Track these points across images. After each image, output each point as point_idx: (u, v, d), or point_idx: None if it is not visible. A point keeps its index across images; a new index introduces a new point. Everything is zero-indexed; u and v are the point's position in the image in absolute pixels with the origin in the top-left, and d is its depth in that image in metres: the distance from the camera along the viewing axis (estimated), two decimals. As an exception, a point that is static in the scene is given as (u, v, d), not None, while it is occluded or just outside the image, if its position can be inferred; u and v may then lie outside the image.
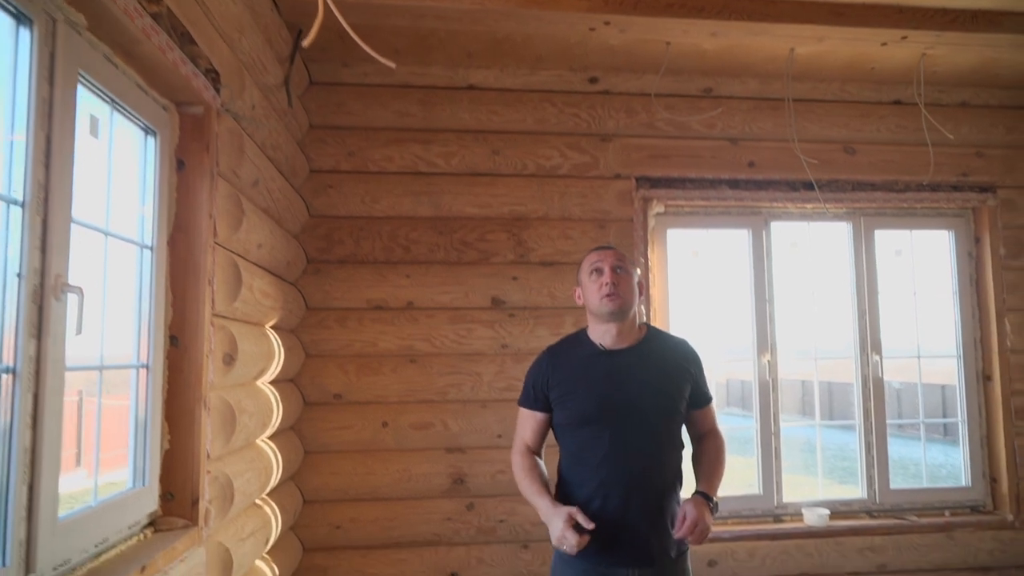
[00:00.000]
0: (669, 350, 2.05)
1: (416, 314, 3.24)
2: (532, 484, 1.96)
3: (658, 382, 1.97)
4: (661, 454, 1.94)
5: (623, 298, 1.95)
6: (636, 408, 1.91)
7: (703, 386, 2.09)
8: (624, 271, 1.99)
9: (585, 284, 2.04)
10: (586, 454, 1.93)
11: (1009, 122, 3.66)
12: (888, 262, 3.69)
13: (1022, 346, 3.59)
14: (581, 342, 2.06)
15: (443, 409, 3.21)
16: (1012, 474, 3.52)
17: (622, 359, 1.97)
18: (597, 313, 2.00)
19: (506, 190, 3.34)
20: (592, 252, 2.08)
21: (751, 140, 3.53)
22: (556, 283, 3.32)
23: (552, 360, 2.05)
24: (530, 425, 2.07)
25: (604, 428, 1.91)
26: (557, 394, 2.00)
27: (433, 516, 3.16)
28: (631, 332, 2.03)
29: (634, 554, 1.87)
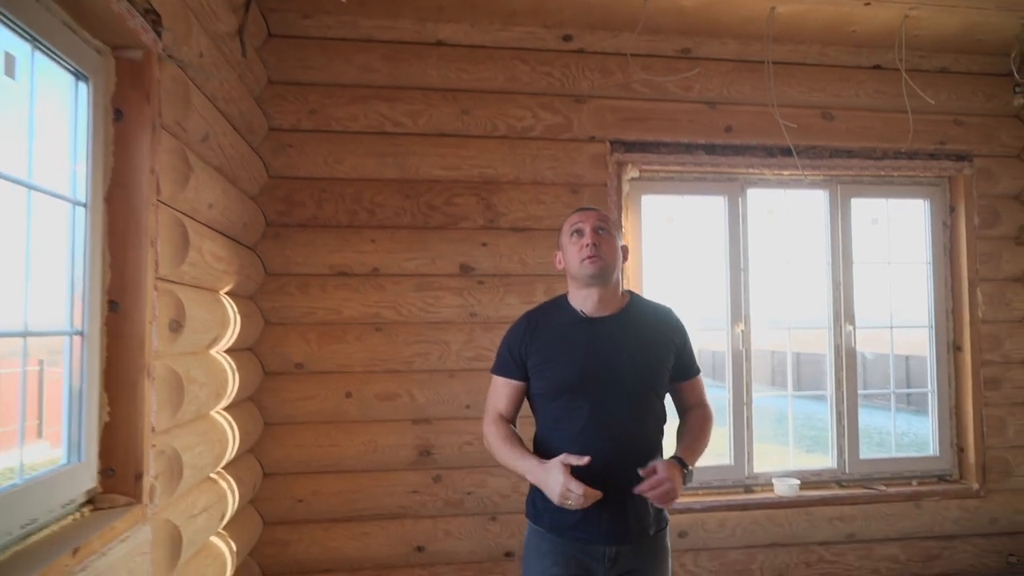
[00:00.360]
0: (652, 319, 1.95)
1: (382, 280, 3.11)
2: (512, 449, 1.85)
3: (641, 352, 1.87)
4: (642, 426, 1.85)
5: (605, 260, 1.84)
6: (617, 378, 1.82)
7: (689, 357, 1.99)
8: (606, 232, 1.89)
9: (565, 246, 1.92)
10: (564, 425, 1.83)
11: (988, 89, 3.60)
12: (864, 231, 3.65)
13: (993, 316, 3.58)
14: (561, 308, 1.95)
15: (409, 379, 3.10)
16: (979, 444, 3.54)
17: (603, 327, 1.87)
18: (577, 276, 1.89)
19: (475, 152, 3.21)
20: (573, 214, 1.97)
21: (729, 104, 3.42)
22: (527, 249, 3.22)
23: (531, 326, 1.94)
24: (505, 394, 1.96)
25: (584, 399, 1.81)
26: (535, 362, 1.89)
27: (399, 488, 3.07)
28: (613, 299, 1.92)
29: (612, 530, 1.79)
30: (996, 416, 3.56)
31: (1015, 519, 3.55)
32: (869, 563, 3.42)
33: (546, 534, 1.85)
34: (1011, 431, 3.57)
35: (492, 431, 1.92)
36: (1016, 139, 3.64)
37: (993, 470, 3.54)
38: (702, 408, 2.00)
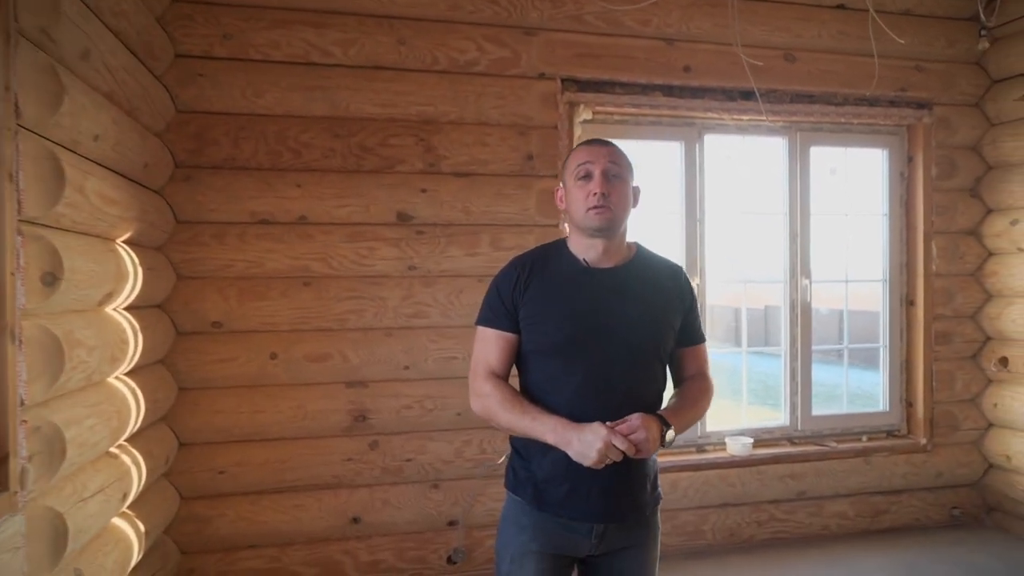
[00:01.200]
0: (660, 275, 1.71)
1: (310, 230, 2.80)
2: (525, 408, 1.58)
3: (645, 310, 1.64)
4: (642, 394, 1.61)
5: (614, 212, 1.59)
6: (618, 338, 1.60)
7: (696, 321, 1.77)
8: (619, 178, 1.61)
9: (570, 188, 1.65)
10: (554, 387, 1.61)
11: (951, 34, 3.47)
12: (822, 181, 3.51)
13: (946, 270, 3.52)
14: (560, 255, 1.69)
15: (342, 338, 2.83)
16: (928, 398, 3.51)
17: (606, 280, 1.64)
18: (581, 226, 1.64)
19: (413, 87, 2.89)
20: (581, 148, 1.67)
21: (687, 41, 3.19)
22: (471, 196, 2.95)
23: (525, 272, 1.67)
24: (497, 348, 1.67)
25: (580, 358, 1.59)
26: (528, 313, 1.64)
27: (332, 457, 2.82)
28: (619, 250, 1.67)
29: (603, 507, 1.59)
30: (945, 371, 3.53)
31: (958, 472, 3.56)
32: (819, 520, 3.37)
33: (526, 506, 1.65)
34: (959, 385, 3.55)
35: (490, 390, 1.64)
36: (976, 87, 3.53)
37: (940, 424, 3.52)
38: (702, 379, 1.76)
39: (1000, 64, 3.44)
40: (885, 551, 3.23)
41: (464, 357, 2.93)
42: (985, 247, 3.54)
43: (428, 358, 2.91)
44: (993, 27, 3.25)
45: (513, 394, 1.63)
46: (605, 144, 1.66)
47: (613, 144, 1.66)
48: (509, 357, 1.68)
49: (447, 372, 2.92)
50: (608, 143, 1.66)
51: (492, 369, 1.68)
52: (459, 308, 2.93)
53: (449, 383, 2.92)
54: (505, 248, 2.98)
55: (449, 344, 2.93)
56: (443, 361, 2.92)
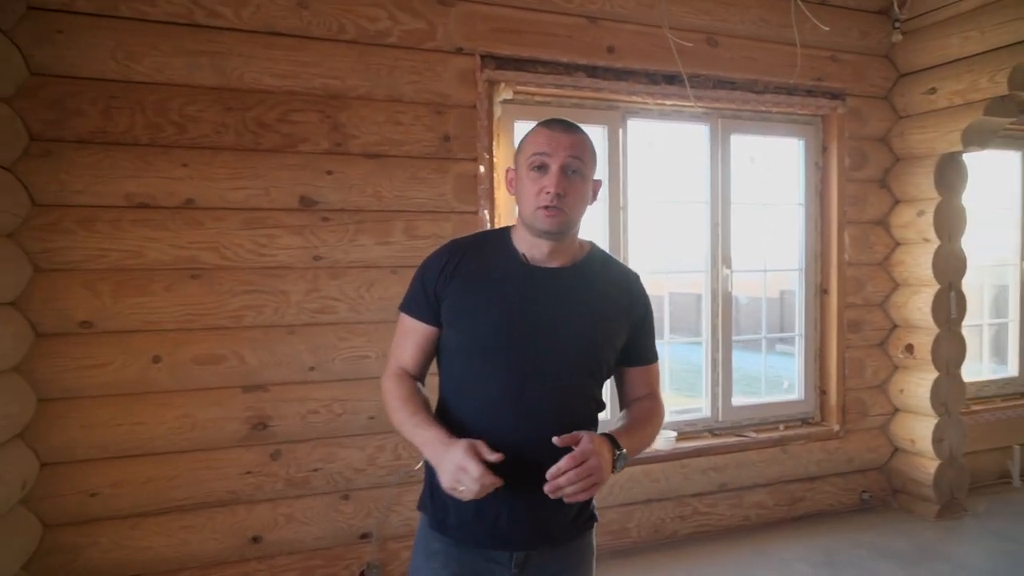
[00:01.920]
0: (611, 281, 1.50)
1: (198, 215, 2.47)
2: (414, 413, 1.39)
3: (584, 320, 1.43)
4: (568, 414, 1.40)
5: (567, 215, 1.38)
6: (546, 349, 1.39)
7: (647, 338, 1.55)
8: (578, 174, 1.39)
9: (522, 177, 1.43)
10: (472, 393, 1.41)
11: (864, 26, 3.50)
12: (742, 170, 3.47)
13: (857, 259, 3.58)
14: (499, 245, 1.49)
15: (238, 337, 2.52)
16: (840, 386, 3.57)
17: (547, 280, 1.44)
18: (528, 224, 1.42)
19: (317, 58, 2.60)
20: (541, 131, 1.42)
21: (611, 20, 3.04)
22: (382, 180, 2.70)
23: (454, 258, 1.46)
24: (412, 341, 1.48)
25: (497, 366, 1.38)
26: (451, 305, 1.43)
27: (228, 470, 2.52)
28: (567, 250, 1.47)
29: (516, 533, 1.39)
30: (856, 358, 3.60)
31: (867, 457, 3.65)
32: (740, 511, 3.36)
33: (434, 531, 1.45)
34: (868, 372, 3.63)
35: (389, 388, 1.46)
36: (885, 79, 3.60)
37: (851, 411, 3.59)
38: (653, 400, 1.55)
39: (908, 58, 3.51)
40: (803, 539, 3.25)
41: (377, 356, 2.68)
42: (893, 237, 3.62)
43: (336, 358, 2.64)
44: (905, 19, 3.29)
45: (410, 394, 1.44)
46: (568, 131, 1.41)
47: (578, 131, 1.42)
48: (425, 353, 1.49)
49: (358, 372, 2.67)
50: (572, 129, 1.42)
51: (402, 365, 1.49)
52: (370, 302, 2.68)
53: (360, 384, 2.67)
54: (421, 236, 2.75)
55: (360, 342, 2.67)
56: (353, 360, 2.66)
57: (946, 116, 3.34)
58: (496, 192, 2.89)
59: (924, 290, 3.47)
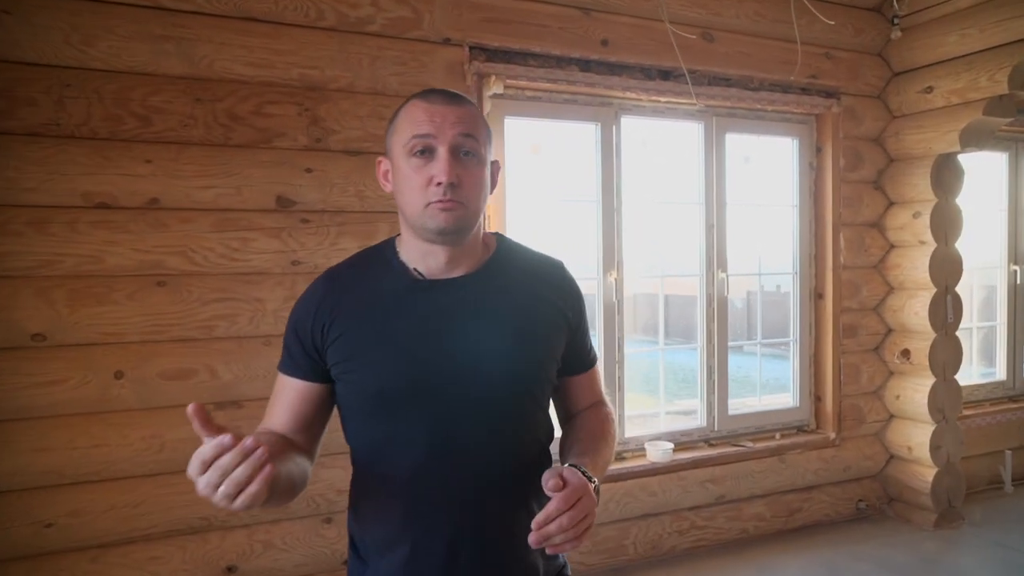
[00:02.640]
0: (536, 279, 1.22)
1: (164, 217, 2.26)
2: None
3: (516, 333, 1.15)
4: (515, 454, 1.15)
5: (466, 208, 1.09)
6: (475, 381, 1.11)
7: (584, 338, 1.28)
8: (473, 156, 1.10)
9: (400, 166, 1.11)
10: (386, 463, 1.12)
11: (858, 23, 3.41)
12: (736, 170, 3.36)
13: (852, 263, 3.49)
14: (383, 264, 1.19)
15: (209, 350, 2.31)
16: (836, 392, 3.47)
17: (451, 296, 1.14)
18: (416, 226, 1.12)
19: (294, 46, 2.41)
20: (416, 104, 1.11)
21: (605, 12, 2.90)
22: (366, 178, 2.51)
23: (332, 294, 1.16)
24: (285, 400, 1.17)
25: (418, 417, 1.10)
26: (338, 353, 1.13)
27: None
28: (471, 253, 1.17)
29: None
30: (851, 364, 3.51)
31: (864, 465, 3.56)
32: (738, 524, 3.24)
33: None
34: (864, 378, 3.55)
35: None
36: (878, 78, 3.52)
37: (848, 418, 3.50)
38: (602, 408, 1.30)
39: (902, 56, 3.43)
40: (803, 552, 3.14)
41: (361, 368, 2.49)
42: (888, 240, 3.54)
43: (317, 370, 2.45)
44: (910, 13, 3.20)
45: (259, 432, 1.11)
46: (453, 102, 1.10)
47: (465, 101, 1.13)
48: (301, 414, 1.16)
49: (340, 386, 2.48)
50: (457, 100, 1.11)
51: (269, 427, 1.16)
52: (354, 310, 2.49)
53: (343, 399, 2.48)
54: (407, 239, 2.57)
55: (342, 353, 2.48)
56: (335, 373, 2.47)
57: (944, 116, 3.27)
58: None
59: (921, 294, 3.39)
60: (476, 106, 1.16)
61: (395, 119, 1.14)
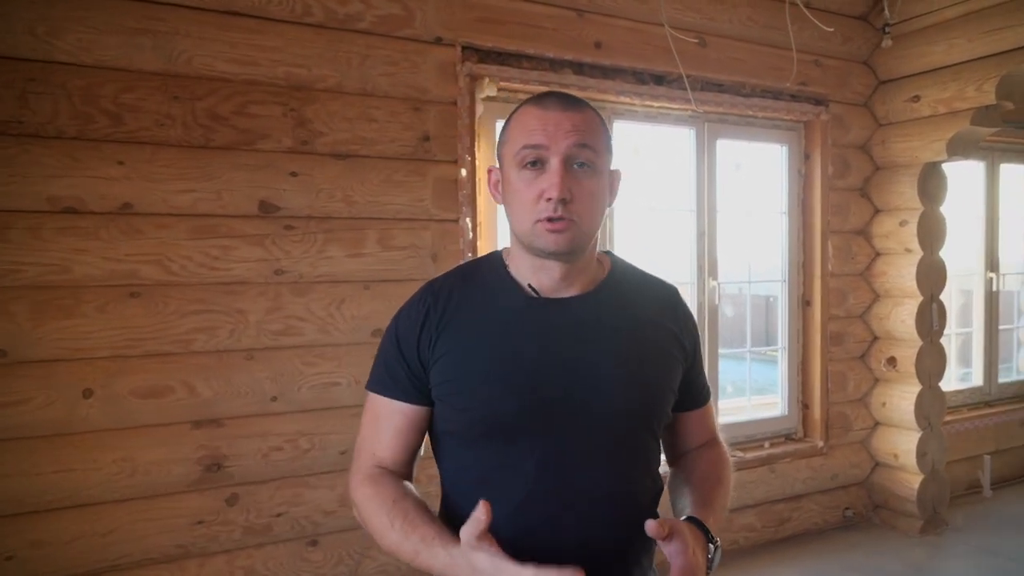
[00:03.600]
0: (652, 304, 1.15)
1: (137, 223, 2.10)
2: (413, 527, 0.99)
3: (635, 361, 1.08)
4: (631, 494, 1.07)
5: (579, 226, 1.02)
6: (592, 408, 1.03)
7: (699, 369, 1.22)
8: (589, 168, 1.03)
9: (510, 177, 1.05)
10: (493, 491, 0.98)
11: (846, 31, 3.40)
12: (727, 177, 3.32)
13: (840, 270, 3.48)
14: (495, 277, 1.12)
15: (187, 365, 2.16)
16: (824, 400, 3.46)
17: (570, 316, 1.07)
18: (526, 243, 1.06)
19: (280, 42, 2.27)
20: (530, 108, 1.05)
21: (599, 14, 2.82)
22: (354, 183, 2.39)
23: (439, 307, 1.09)
24: (391, 429, 1.09)
25: (528, 445, 1.02)
26: (441, 376, 1.05)
27: (176, 520, 2.15)
28: (585, 270, 1.10)
29: None
30: (838, 372, 3.50)
31: (850, 472, 3.56)
32: (729, 535, 3.19)
33: None
34: (851, 386, 3.54)
35: (366, 497, 1.06)
36: (865, 86, 3.52)
37: (835, 426, 3.49)
38: (717, 448, 1.23)
39: (888, 65, 3.44)
40: (794, 563, 3.11)
41: (349, 382, 2.37)
42: (874, 247, 3.55)
43: (303, 385, 2.31)
44: (896, 22, 3.20)
45: (396, 499, 1.03)
46: (569, 107, 1.03)
47: (583, 106, 1.05)
48: (408, 443, 1.10)
49: (327, 401, 2.35)
50: (574, 104, 1.04)
51: (379, 459, 1.10)
52: (341, 322, 2.37)
53: (330, 415, 2.35)
54: (397, 247, 2.45)
55: (329, 367, 2.35)
56: (322, 388, 2.34)
57: (930, 125, 3.27)
58: (479, 198, 2.63)
59: (907, 302, 3.40)
60: (595, 111, 1.08)
61: (507, 126, 1.08)
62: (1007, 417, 4.07)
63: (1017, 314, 4.66)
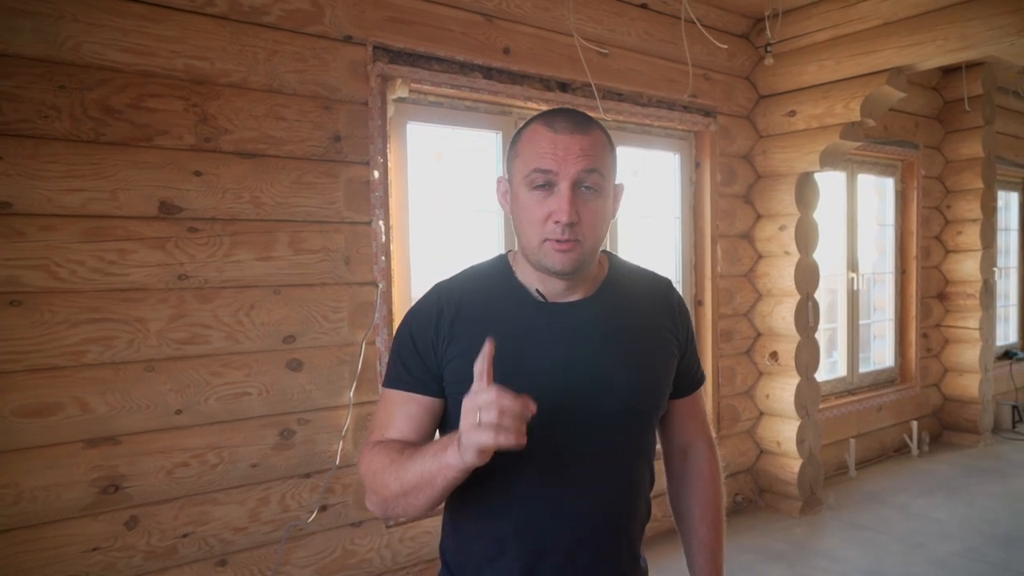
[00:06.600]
0: (644, 300, 1.20)
1: (19, 224, 1.91)
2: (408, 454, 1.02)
3: (635, 358, 1.14)
4: (629, 494, 1.15)
5: (583, 245, 1.06)
6: (599, 406, 1.09)
7: (694, 356, 1.27)
8: (595, 191, 1.07)
9: (519, 195, 1.08)
10: (497, 494, 1.06)
11: (732, 47, 3.64)
12: (626, 183, 3.45)
13: (727, 271, 3.72)
14: (504, 283, 1.15)
15: (78, 379, 1.98)
16: (715, 394, 3.68)
17: (576, 319, 1.12)
18: (533, 260, 1.10)
19: (179, 32, 2.14)
20: (539, 130, 1.07)
21: (508, 20, 2.87)
22: (262, 184, 2.29)
23: (452, 306, 1.12)
24: (405, 413, 1.11)
25: (538, 440, 1.00)
26: (459, 373, 1.06)
27: (67, 549, 1.97)
28: (588, 276, 1.15)
29: None
30: (728, 367, 3.74)
31: (739, 460, 3.81)
32: (634, 527, 3.32)
33: None
34: (738, 379, 3.79)
35: (374, 458, 1.07)
36: (748, 100, 3.78)
37: (725, 418, 3.73)
38: (708, 450, 1.30)
39: (767, 81, 3.71)
40: (693, 549, 3.28)
41: (260, 391, 2.26)
42: (757, 250, 3.82)
43: (210, 397, 2.19)
44: (775, 43, 3.46)
45: (393, 448, 1.06)
46: (578, 130, 1.06)
47: (592, 127, 1.08)
48: (423, 426, 1.12)
49: (237, 413, 2.23)
50: (584, 126, 1.07)
51: (388, 438, 1.12)
52: (251, 328, 2.26)
53: (240, 427, 2.24)
54: (308, 251, 2.37)
55: (238, 376, 2.24)
56: (231, 399, 2.22)
57: (805, 138, 3.57)
58: (391, 200, 2.59)
59: (786, 300, 3.69)
60: (602, 130, 1.11)
61: (517, 141, 1.12)
62: (867, 404, 4.50)
63: (872, 310, 5.16)
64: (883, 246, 4.99)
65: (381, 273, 2.52)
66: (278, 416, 2.31)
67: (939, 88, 4.93)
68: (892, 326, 4.95)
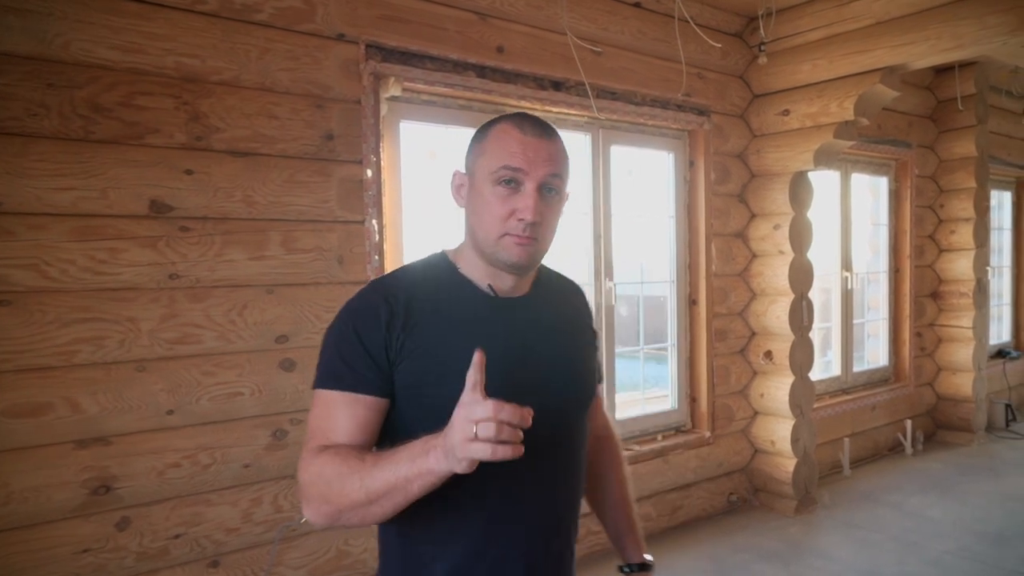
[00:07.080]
0: (570, 299, 1.29)
1: (7, 223, 1.90)
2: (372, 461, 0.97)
3: (575, 352, 1.22)
4: (579, 478, 1.21)
5: (539, 243, 1.11)
6: (555, 399, 1.12)
7: (599, 352, 1.38)
8: (556, 194, 1.11)
9: (482, 190, 1.10)
10: (456, 492, 1.00)
11: (725, 46, 3.65)
12: (620, 182, 3.45)
13: (721, 271, 3.72)
14: (451, 280, 1.15)
15: (69, 379, 1.97)
16: (710, 393, 3.68)
17: (526, 314, 1.16)
18: (486, 252, 1.11)
19: (170, 30, 2.13)
20: (510, 129, 1.09)
21: (501, 19, 2.86)
22: (254, 183, 2.28)
23: (399, 302, 1.09)
24: (350, 415, 1.06)
25: None
26: (415, 374, 1.06)
27: (58, 551, 1.95)
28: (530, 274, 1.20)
29: None
30: (722, 366, 3.74)
31: (733, 460, 3.81)
32: (628, 526, 3.32)
33: None
34: (733, 379, 3.79)
35: (324, 466, 1.00)
36: (742, 99, 3.78)
37: (720, 417, 3.72)
38: (610, 440, 1.39)
39: (761, 80, 3.72)
40: (688, 548, 3.29)
41: (252, 391, 2.25)
42: (751, 249, 3.82)
43: (202, 397, 2.17)
44: (769, 41, 3.46)
45: (350, 454, 1.00)
46: (545, 136, 1.10)
47: (556, 136, 1.13)
48: (369, 429, 1.07)
49: (229, 413, 2.22)
50: (550, 134, 1.11)
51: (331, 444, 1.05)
52: (243, 328, 2.25)
53: (232, 427, 2.23)
54: (301, 250, 2.36)
55: (230, 376, 2.22)
56: (223, 399, 2.21)
57: (799, 137, 3.57)
58: (384, 199, 2.58)
59: (781, 299, 3.69)
60: (562, 139, 1.15)
61: (483, 139, 1.13)
62: (861, 403, 4.51)
63: (866, 309, 5.17)
64: (877, 245, 5.00)
65: (375, 272, 2.51)
66: (271, 416, 2.30)
67: (932, 87, 4.94)
68: (886, 325, 4.96)
